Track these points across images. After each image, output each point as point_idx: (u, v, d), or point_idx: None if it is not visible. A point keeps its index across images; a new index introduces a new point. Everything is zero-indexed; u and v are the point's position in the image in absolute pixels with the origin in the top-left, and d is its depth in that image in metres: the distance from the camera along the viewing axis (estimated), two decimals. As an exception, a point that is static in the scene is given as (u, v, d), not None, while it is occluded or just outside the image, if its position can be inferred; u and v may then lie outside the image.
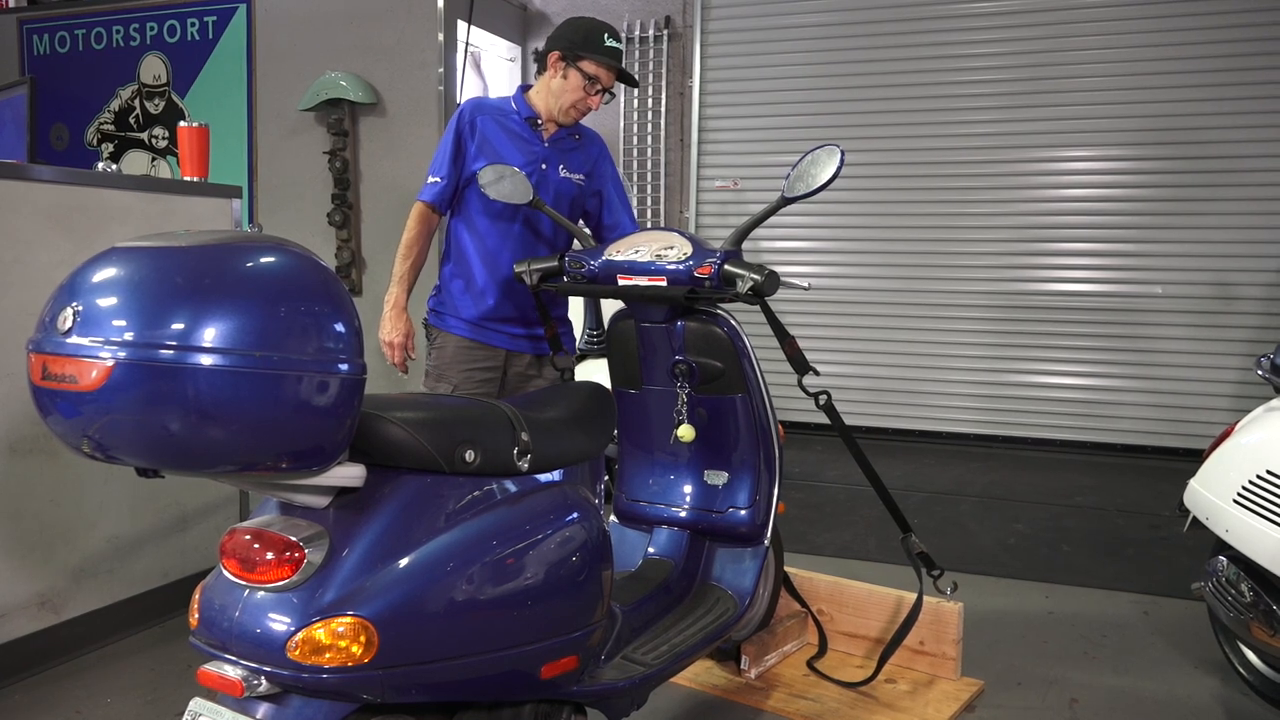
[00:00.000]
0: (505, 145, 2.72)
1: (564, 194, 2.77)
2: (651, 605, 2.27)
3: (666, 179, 6.11)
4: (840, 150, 2.18)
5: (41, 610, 2.72)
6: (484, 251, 2.73)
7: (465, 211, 2.77)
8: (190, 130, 3.20)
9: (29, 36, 6.19)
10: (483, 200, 2.68)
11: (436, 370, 2.77)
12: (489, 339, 2.75)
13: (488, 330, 2.75)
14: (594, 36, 2.66)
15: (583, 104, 2.71)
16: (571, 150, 2.80)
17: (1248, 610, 2.34)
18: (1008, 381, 5.58)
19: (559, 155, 2.77)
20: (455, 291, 2.78)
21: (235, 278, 1.34)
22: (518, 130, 2.74)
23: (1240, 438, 2.53)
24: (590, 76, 2.67)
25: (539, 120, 2.75)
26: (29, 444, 2.67)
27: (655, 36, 6.03)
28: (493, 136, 2.72)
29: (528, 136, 2.74)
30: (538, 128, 2.75)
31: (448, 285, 2.80)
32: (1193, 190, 5.21)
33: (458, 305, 2.77)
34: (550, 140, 2.76)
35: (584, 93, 2.69)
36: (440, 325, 2.79)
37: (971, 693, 2.58)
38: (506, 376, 2.80)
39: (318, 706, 1.51)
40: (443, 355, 2.77)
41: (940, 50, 5.57)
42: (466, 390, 2.71)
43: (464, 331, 2.76)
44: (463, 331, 2.76)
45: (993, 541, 3.92)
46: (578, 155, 2.82)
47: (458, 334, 2.76)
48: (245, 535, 1.50)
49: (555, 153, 2.76)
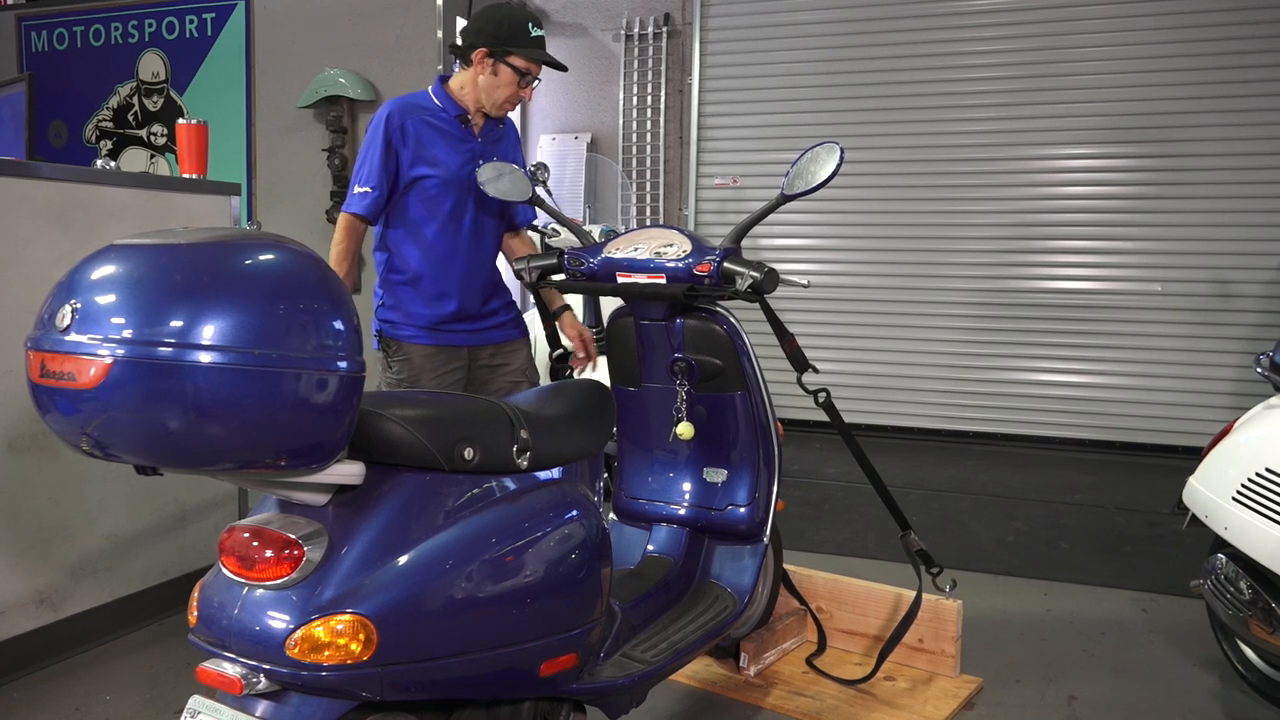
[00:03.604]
0: (440, 147, 2.68)
1: None
2: (650, 603, 2.27)
3: (665, 176, 6.11)
4: (840, 148, 2.18)
5: (40, 608, 2.72)
6: (435, 258, 2.70)
7: (406, 220, 2.71)
8: (189, 127, 3.20)
9: (27, 33, 6.18)
10: (427, 207, 2.66)
11: (407, 383, 2.72)
12: (451, 340, 2.75)
13: (448, 333, 2.74)
14: (519, 29, 2.61)
15: (515, 97, 2.68)
16: (498, 140, 2.80)
17: (1246, 608, 2.34)
18: (1007, 379, 5.58)
19: (490, 148, 2.76)
20: (407, 301, 2.73)
21: (234, 275, 1.34)
22: (448, 129, 2.70)
23: (1239, 435, 2.53)
24: (522, 71, 2.64)
25: (468, 116, 2.72)
26: (28, 442, 2.67)
27: (654, 34, 6.03)
28: (425, 139, 2.67)
29: (459, 134, 2.71)
30: (468, 124, 2.72)
31: (397, 295, 2.74)
32: (1192, 188, 5.21)
33: (413, 314, 2.72)
34: (481, 134, 2.75)
35: (516, 87, 2.66)
36: (397, 336, 2.74)
37: (970, 690, 2.58)
38: (471, 372, 2.81)
39: (317, 704, 1.51)
40: (409, 367, 2.72)
41: (938, 48, 5.57)
42: None
43: (426, 339, 2.72)
44: (425, 339, 2.72)
45: (991, 539, 3.92)
46: (504, 145, 2.82)
47: (419, 343, 2.73)
48: (244, 533, 1.50)
49: (486, 146, 2.75)
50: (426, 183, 2.68)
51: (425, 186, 2.68)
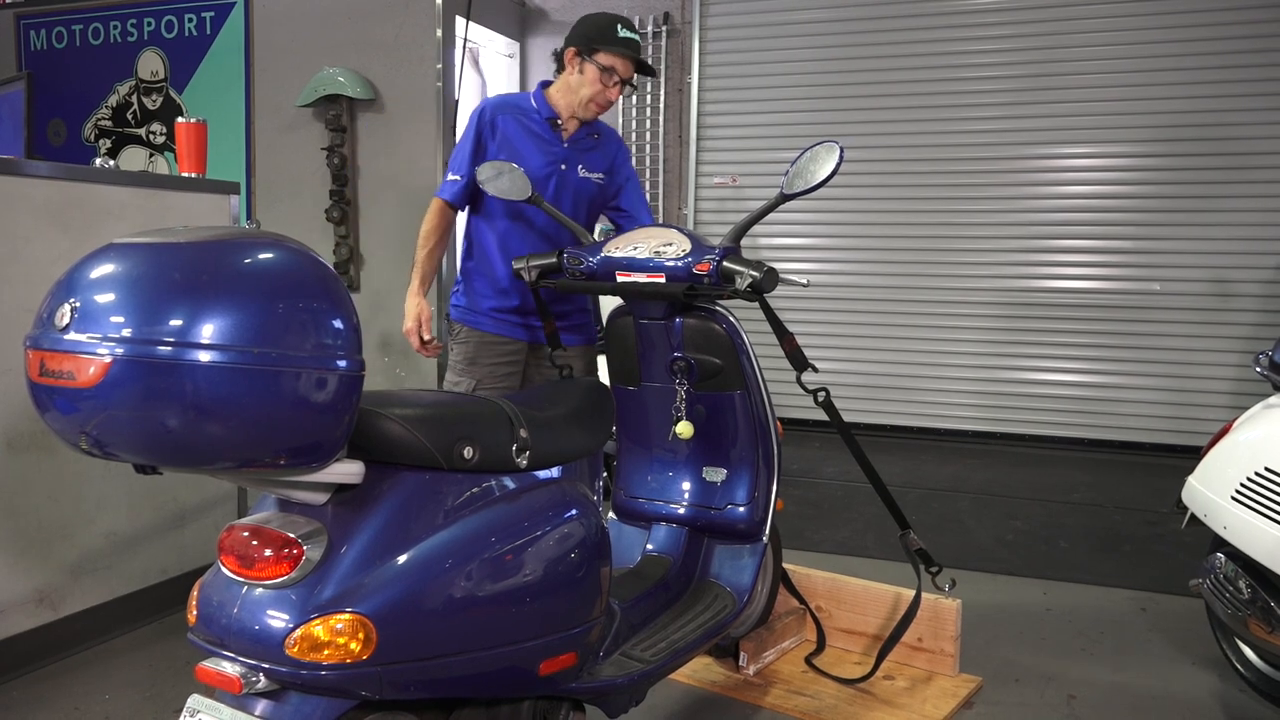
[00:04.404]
0: (525, 145, 2.72)
1: (583, 194, 2.78)
2: (650, 602, 2.27)
3: (665, 175, 6.10)
4: (839, 147, 2.18)
5: (39, 607, 2.72)
6: (506, 249, 2.75)
7: (486, 210, 2.78)
8: (188, 126, 3.19)
9: (26, 32, 6.17)
10: (504, 201, 2.69)
11: (461, 364, 2.79)
12: (512, 332, 2.79)
13: (510, 324, 2.78)
14: (608, 29, 2.67)
15: (601, 97, 2.71)
16: (590, 150, 2.81)
17: (1245, 607, 2.34)
18: (1006, 378, 5.58)
19: (578, 155, 2.78)
20: (478, 287, 2.80)
21: (233, 274, 1.34)
22: (538, 130, 2.74)
23: (1239, 434, 2.53)
24: (606, 68, 2.67)
25: (559, 120, 2.75)
26: (27, 440, 2.67)
27: (654, 33, 6.02)
28: (514, 136, 2.73)
29: (548, 137, 2.74)
30: (558, 128, 2.75)
31: (470, 281, 2.82)
32: (1191, 187, 5.21)
33: (480, 300, 2.79)
34: (570, 141, 2.77)
35: (601, 85, 2.68)
36: (463, 320, 2.82)
37: (970, 689, 2.58)
38: (528, 368, 2.84)
39: (316, 703, 1.51)
40: (466, 349, 2.79)
41: (940, 48, 5.56)
42: (490, 384, 2.73)
43: (488, 326, 2.78)
44: (486, 326, 2.78)
45: (990, 538, 3.92)
46: (596, 155, 2.82)
47: (481, 329, 2.78)
48: (243, 532, 1.50)
49: (574, 153, 2.77)
50: None
51: None
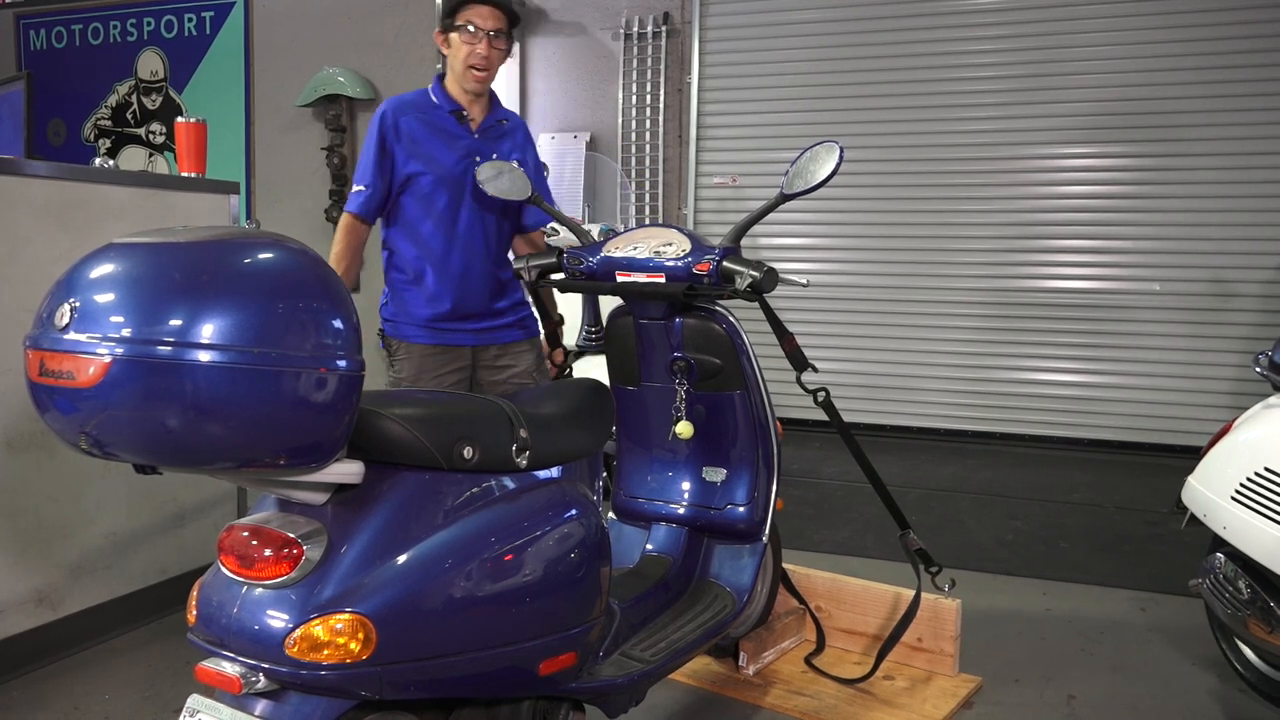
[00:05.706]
0: (433, 143, 2.66)
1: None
2: (650, 602, 2.27)
3: (665, 175, 6.10)
4: (839, 147, 2.18)
5: (39, 606, 2.71)
6: (433, 256, 2.69)
7: (403, 219, 2.70)
8: (187, 126, 3.19)
9: (25, 32, 6.17)
10: (421, 205, 2.64)
11: (406, 383, 2.71)
12: (452, 340, 2.72)
13: (449, 332, 2.72)
14: None
15: (473, 57, 2.63)
16: (500, 138, 2.76)
17: (1245, 607, 2.34)
18: (1005, 378, 5.59)
19: (489, 145, 2.73)
20: (409, 299, 2.72)
21: (233, 274, 1.34)
22: (444, 125, 2.69)
23: (1238, 435, 2.53)
24: (463, 26, 2.61)
25: (464, 111, 2.71)
26: (26, 440, 2.67)
27: (654, 33, 6.02)
28: (420, 136, 2.66)
29: (455, 131, 2.69)
30: (464, 120, 2.70)
31: (400, 294, 2.74)
32: (1190, 187, 5.21)
33: (414, 313, 2.71)
34: (479, 131, 2.72)
35: (469, 45, 2.63)
36: (398, 335, 2.74)
37: (969, 689, 2.58)
38: (476, 373, 2.78)
39: (316, 703, 1.51)
40: (408, 366, 2.71)
41: (938, 48, 5.57)
42: None
43: (426, 338, 2.71)
44: (424, 338, 2.71)
45: (990, 538, 3.92)
46: (506, 143, 2.77)
47: (420, 341, 2.71)
48: (243, 532, 1.50)
49: (485, 143, 2.72)
50: (420, 180, 2.67)
51: (420, 184, 2.67)
